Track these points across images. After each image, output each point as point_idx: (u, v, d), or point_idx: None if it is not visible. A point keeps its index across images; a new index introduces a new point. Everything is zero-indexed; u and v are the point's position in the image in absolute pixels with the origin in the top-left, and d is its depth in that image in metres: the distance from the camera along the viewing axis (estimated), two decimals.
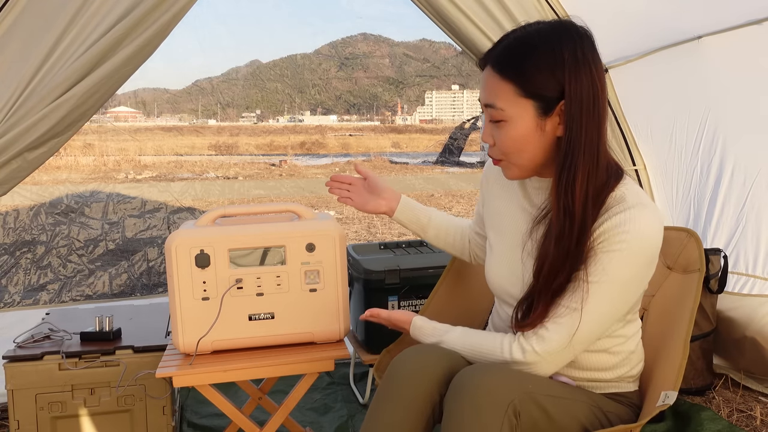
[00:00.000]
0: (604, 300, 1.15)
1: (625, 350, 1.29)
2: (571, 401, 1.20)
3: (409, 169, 18.64)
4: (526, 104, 1.16)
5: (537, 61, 1.15)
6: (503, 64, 1.17)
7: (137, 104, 64.12)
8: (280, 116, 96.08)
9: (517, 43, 1.19)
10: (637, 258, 1.14)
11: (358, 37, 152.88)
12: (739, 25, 2.28)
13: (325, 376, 2.55)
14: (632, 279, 1.16)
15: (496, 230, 1.38)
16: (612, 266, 1.13)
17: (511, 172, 1.24)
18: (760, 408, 2.23)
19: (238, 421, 1.57)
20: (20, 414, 1.77)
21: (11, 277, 4.95)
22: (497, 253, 1.36)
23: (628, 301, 1.20)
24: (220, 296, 1.52)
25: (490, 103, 1.18)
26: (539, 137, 1.18)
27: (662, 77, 2.70)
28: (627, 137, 2.84)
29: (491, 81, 1.18)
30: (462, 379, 1.13)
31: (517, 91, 1.15)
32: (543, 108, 1.16)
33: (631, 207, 1.14)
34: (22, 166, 1.94)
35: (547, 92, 1.15)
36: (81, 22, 1.93)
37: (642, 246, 1.13)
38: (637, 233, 1.12)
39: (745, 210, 2.52)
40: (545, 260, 1.17)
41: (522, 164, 1.21)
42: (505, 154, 1.21)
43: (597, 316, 1.16)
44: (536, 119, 1.16)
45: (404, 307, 2.21)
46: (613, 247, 1.13)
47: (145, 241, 6.46)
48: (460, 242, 1.60)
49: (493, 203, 1.41)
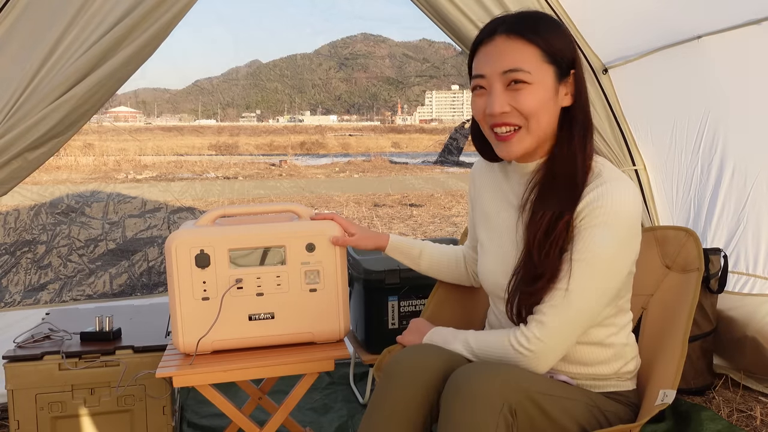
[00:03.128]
0: (591, 276, 1.17)
1: (618, 342, 1.30)
2: (568, 400, 1.20)
3: (409, 169, 18.64)
4: (548, 69, 1.20)
5: (556, 29, 1.22)
6: (525, 30, 1.20)
7: (137, 104, 64.10)
8: (280, 116, 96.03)
9: (530, 14, 1.24)
10: (618, 230, 1.16)
11: (358, 37, 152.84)
12: (739, 25, 2.28)
13: (325, 376, 2.55)
14: (616, 253, 1.18)
15: (486, 228, 1.40)
16: (595, 242, 1.16)
17: (522, 144, 1.23)
18: (760, 408, 2.23)
19: (238, 421, 1.57)
20: (20, 414, 1.77)
21: (11, 277, 4.95)
22: (488, 249, 1.38)
23: (616, 276, 1.20)
24: (220, 296, 1.52)
25: (517, 67, 1.19)
26: (554, 104, 1.22)
27: (662, 77, 2.70)
28: (627, 137, 2.84)
29: (513, 46, 1.20)
30: (458, 377, 1.14)
31: (542, 55, 1.19)
32: (560, 74, 1.21)
33: (606, 182, 1.18)
34: (23, 166, 1.94)
35: (566, 59, 1.21)
36: (81, 23, 1.93)
37: (619, 218, 1.16)
38: (613, 206, 1.16)
39: (745, 210, 2.52)
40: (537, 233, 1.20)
41: (537, 132, 1.22)
42: (527, 117, 1.20)
43: (588, 293, 1.18)
44: (555, 84, 1.21)
45: (404, 306, 2.21)
46: (593, 222, 1.16)
47: (145, 241, 6.47)
48: (455, 268, 1.62)
49: (481, 203, 1.43)
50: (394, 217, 8.62)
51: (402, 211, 9.33)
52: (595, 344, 1.27)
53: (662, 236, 1.53)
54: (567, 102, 1.23)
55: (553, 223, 1.18)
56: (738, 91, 2.48)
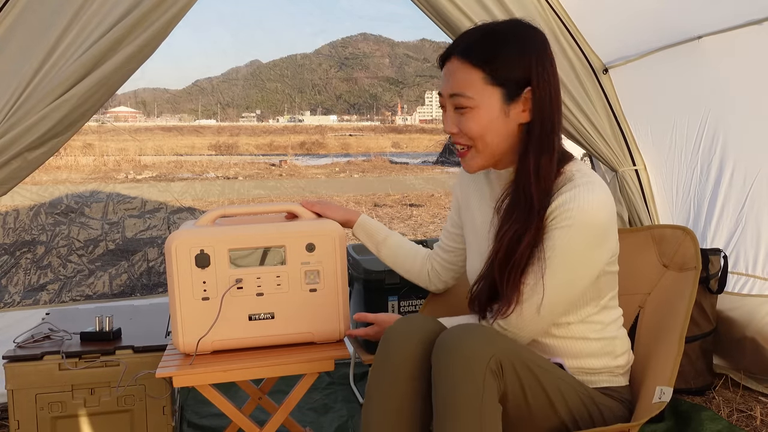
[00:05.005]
0: (558, 271, 1.21)
1: (606, 336, 1.33)
2: (562, 381, 1.24)
3: (409, 169, 18.64)
4: (493, 91, 1.23)
5: (507, 48, 1.23)
6: (473, 53, 1.23)
7: (137, 104, 64.13)
8: (280, 116, 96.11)
9: (484, 33, 1.26)
10: (585, 231, 1.20)
11: (358, 37, 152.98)
12: (739, 25, 2.28)
13: (325, 376, 2.55)
14: (584, 252, 1.22)
15: (471, 229, 1.46)
16: (562, 241, 1.20)
17: (475, 162, 1.29)
18: (760, 408, 2.23)
19: (238, 421, 1.57)
20: (20, 414, 1.77)
21: (11, 277, 4.95)
22: (472, 249, 1.44)
23: (583, 276, 1.24)
24: (220, 296, 1.52)
25: (459, 92, 1.24)
26: (503, 123, 1.24)
27: (662, 77, 2.70)
28: (627, 137, 2.84)
29: (459, 70, 1.24)
30: (447, 335, 1.18)
31: (486, 78, 1.22)
32: (509, 94, 1.23)
33: (578, 185, 1.21)
34: (22, 166, 1.94)
35: (515, 79, 1.22)
36: (81, 22, 1.93)
37: (587, 220, 1.19)
38: (581, 209, 1.19)
39: (745, 210, 2.52)
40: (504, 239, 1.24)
41: (486, 151, 1.27)
42: (472, 139, 1.26)
43: (556, 287, 1.22)
44: (502, 105, 1.23)
45: (404, 306, 2.21)
46: (562, 224, 1.20)
47: (145, 241, 6.46)
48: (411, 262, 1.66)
49: (468, 203, 1.48)
50: (394, 217, 8.62)
51: (402, 211, 9.33)
52: (579, 339, 1.31)
53: (660, 235, 1.53)
54: (524, 119, 1.25)
55: (513, 245, 1.23)
56: (738, 91, 2.48)
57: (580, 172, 1.25)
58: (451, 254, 1.60)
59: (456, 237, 1.57)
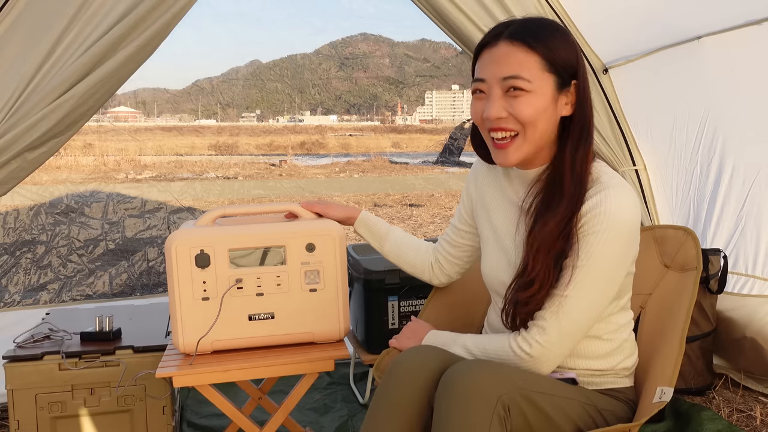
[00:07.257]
0: (592, 283, 1.18)
1: (619, 338, 1.31)
2: (563, 399, 1.21)
3: (409, 169, 18.63)
4: (548, 78, 1.20)
5: (560, 38, 1.21)
6: (529, 37, 1.20)
7: (137, 104, 64.13)
8: (280, 116, 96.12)
9: (536, 21, 1.24)
10: (618, 236, 1.18)
11: (358, 37, 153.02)
12: (739, 25, 2.28)
13: (325, 376, 2.55)
14: (616, 258, 1.19)
15: (488, 224, 1.41)
16: (596, 248, 1.17)
17: (521, 151, 1.23)
18: (760, 408, 2.23)
19: (238, 421, 1.57)
20: (20, 414, 1.77)
21: (11, 277, 4.94)
22: (491, 245, 1.39)
23: (615, 280, 1.22)
24: (220, 296, 1.52)
25: (516, 74, 1.19)
26: (552, 113, 1.22)
27: (662, 77, 2.70)
28: (627, 137, 2.84)
29: (515, 52, 1.20)
30: (451, 375, 1.14)
31: (543, 63, 1.19)
32: (561, 84, 1.21)
33: (606, 188, 1.19)
34: (22, 166, 1.94)
35: (567, 68, 1.21)
36: (81, 22, 1.93)
37: (619, 224, 1.17)
38: (612, 212, 1.17)
39: (744, 210, 2.52)
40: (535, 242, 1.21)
41: (533, 140, 1.22)
42: (523, 124, 1.21)
43: (588, 300, 1.19)
44: (554, 93, 1.21)
45: (404, 307, 2.21)
46: (594, 229, 1.17)
47: (145, 241, 6.46)
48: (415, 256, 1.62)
49: (483, 200, 1.44)
50: (394, 217, 8.62)
51: (402, 211, 9.33)
52: (594, 338, 1.29)
53: (661, 236, 1.53)
54: (567, 112, 1.23)
55: (552, 235, 1.19)
56: (738, 91, 2.48)
57: (606, 174, 1.23)
58: (458, 249, 1.57)
59: (464, 234, 1.54)
